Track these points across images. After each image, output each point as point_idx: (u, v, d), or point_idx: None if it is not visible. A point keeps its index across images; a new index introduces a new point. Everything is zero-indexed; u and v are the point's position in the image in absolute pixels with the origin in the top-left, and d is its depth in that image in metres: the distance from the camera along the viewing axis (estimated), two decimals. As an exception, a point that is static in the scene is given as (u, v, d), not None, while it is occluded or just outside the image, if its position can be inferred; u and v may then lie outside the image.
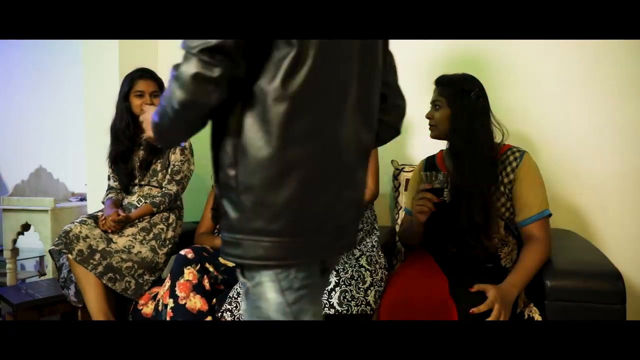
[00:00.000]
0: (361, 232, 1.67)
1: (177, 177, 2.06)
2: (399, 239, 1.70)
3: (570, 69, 2.02)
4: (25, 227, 2.86)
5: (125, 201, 2.07)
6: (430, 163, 1.65)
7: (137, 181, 2.08)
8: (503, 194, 1.46)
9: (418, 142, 2.20)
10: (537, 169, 1.48)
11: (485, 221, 1.40)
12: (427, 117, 1.57)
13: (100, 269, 1.77)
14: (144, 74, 2.02)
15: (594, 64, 1.99)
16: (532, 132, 2.04)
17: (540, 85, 2.05)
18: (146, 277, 1.86)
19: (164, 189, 2.05)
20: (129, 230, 1.92)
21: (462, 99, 1.48)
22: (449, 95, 1.50)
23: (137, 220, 1.97)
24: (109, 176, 2.13)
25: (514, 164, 1.46)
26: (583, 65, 2.00)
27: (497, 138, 1.52)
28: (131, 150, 2.06)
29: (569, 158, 2.01)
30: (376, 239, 1.70)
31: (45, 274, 3.05)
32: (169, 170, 2.07)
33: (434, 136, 1.57)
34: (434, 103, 1.55)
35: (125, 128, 2.02)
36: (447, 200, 1.41)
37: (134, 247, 1.88)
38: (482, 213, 1.40)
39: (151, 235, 1.95)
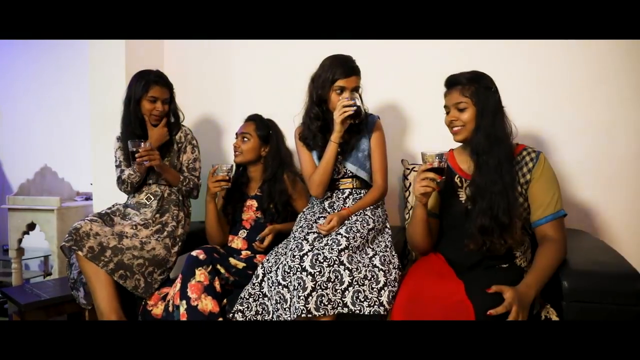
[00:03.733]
0: (373, 231, 1.65)
1: (195, 174, 2.11)
2: (407, 239, 1.66)
3: (580, 69, 2.00)
4: (31, 226, 2.85)
5: (134, 200, 2.05)
6: None
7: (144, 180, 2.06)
8: (520, 194, 1.44)
9: (428, 141, 2.18)
10: (552, 169, 1.47)
11: (509, 220, 1.38)
12: (452, 119, 1.49)
13: (111, 265, 1.75)
14: (160, 80, 2.01)
15: (604, 63, 1.98)
16: (544, 132, 2.02)
17: (549, 85, 2.03)
18: (155, 275, 1.84)
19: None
20: (144, 232, 1.91)
21: (486, 97, 1.45)
22: (473, 95, 1.45)
23: (151, 221, 1.96)
24: (119, 164, 2.08)
25: (530, 164, 1.45)
26: (593, 64, 1.99)
27: None
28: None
29: (580, 158, 2.00)
30: (389, 238, 1.68)
31: (50, 274, 3.03)
32: (184, 168, 2.09)
33: (462, 139, 1.50)
34: (456, 105, 1.48)
35: (137, 128, 2.01)
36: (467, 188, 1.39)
37: (150, 242, 1.86)
38: (507, 212, 1.38)
39: (165, 233, 1.94)
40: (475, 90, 1.45)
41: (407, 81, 2.25)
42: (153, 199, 2.03)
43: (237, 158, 1.99)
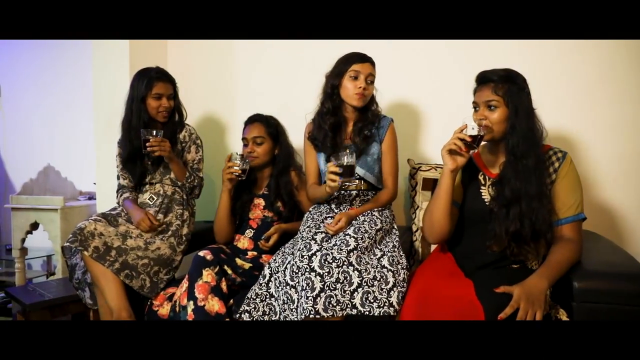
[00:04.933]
0: (380, 232, 1.64)
1: (200, 174, 2.11)
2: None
3: (590, 69, 1.99)
4: (34, 226, 2.84)
5: (138, 200, 2.04)
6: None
7: (148, 179, 2.06)
8: (547, 196, 1.42)
9: (435, 140, 2.18)
10: (577, 172, 1.44)
11: (546, 227, 1.36)
12: (480, 118, 1.42)
13: (117, 265, 1.74)
14: (162, 76, 1.99)
15: (614, 63, 1.97)
16: (556, 133, 2.01)
17: (559, 85, 2.02)
18: (161, 275, 1.83)
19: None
20: (148, 233, 1.90)
21: (519, 97, 1.40)
22: (505, 94, 1.40)
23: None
24: (118, 175, 2.10)
25: (556, 164, 1.42)
26: (604, 64, 1.98)
27: None
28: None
29: (589, 159, 1.99)
30: (397, 238, 1.67)
31: (54, 274, 3.02)
32: (188, 167, 2.08)
33: (487, 139, 1.44)
34: (487, 103, 1.42)
35: (142, 127, 2.00)
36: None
37: (154, 241, 1.85)
38: (544, 218, 1.35)
39: (170, 232, 1.93)
40: (508, 90, 1.40)
41: (413, 81, 2.25)
42: (156, 198, 2.02)
43: (254, 162, 1.95)
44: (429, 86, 2.21)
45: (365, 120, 1.77)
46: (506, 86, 1.40)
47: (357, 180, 1.59)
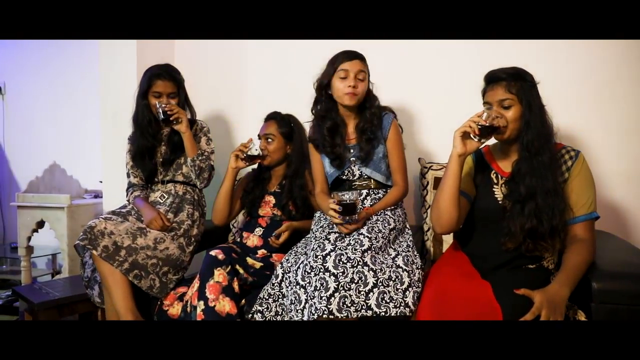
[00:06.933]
0: (394, 231, 1.63)
1: (211, 162, 2.05)
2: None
3: (602, 69, 1.98)
4: (40, 224, 2.82)
5: (149, 199, 2.02)
6: (478, 157, 1.56)
7: (160, 177, 2.04)
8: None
9: (446, 139, 2.14)
10: (590, 171, 1.43)
11: (561, 222, 1.35)
12: (496, 116, 1.39)
13: (126, 265, 1.72)
14: (162, 74, 1.95)
15: (624, 63, 1.95)
16: (568, 133, 1.99)
17: (572, 86, 2.01)
18: (170, 275, 1.82)
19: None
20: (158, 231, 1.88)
21: (531, 94, 1.39)
22: (519, 91, 1.39)
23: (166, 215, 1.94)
24: (128, 173, 2.08)
25: (569, 163, 1.41)
26: (616, 64, 1.96)
27: None
28: (154, 146, 2.02)
29: (601, 158, 1.97)
30: (410, 238, 1.65)
31: (60, 272, 3.00)
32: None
33: (505, 138, 1.42)
34: (501, 102, 1.40)
35: (147, 125, 1.99)
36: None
37: (164, 240, 1.83)
38: (559, 214, 1.34)
39: (181, 231, 1.91)
40: (520, 87, 1.39)
41: (421, 79, 2.23)
42: (167, 197, 2.01)
43: (265, 160, 1.95)
44: (441, 85, 2.19)
45: (365, 121, 1.74)
46: (518, 84, 1.40)
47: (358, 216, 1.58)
